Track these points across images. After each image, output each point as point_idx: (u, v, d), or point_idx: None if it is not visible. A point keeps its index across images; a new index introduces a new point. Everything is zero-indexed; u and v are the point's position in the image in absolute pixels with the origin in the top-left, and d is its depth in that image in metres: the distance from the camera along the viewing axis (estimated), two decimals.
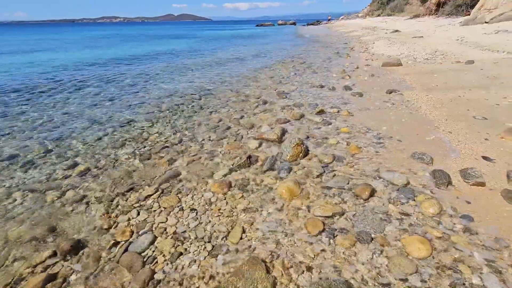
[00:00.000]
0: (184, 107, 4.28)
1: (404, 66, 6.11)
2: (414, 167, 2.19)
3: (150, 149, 2.90)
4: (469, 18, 11.15)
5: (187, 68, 8.01)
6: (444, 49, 7.34)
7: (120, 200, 2.09)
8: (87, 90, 5.43)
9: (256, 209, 1.87)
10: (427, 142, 2.59)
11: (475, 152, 2.31)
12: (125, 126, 3.53)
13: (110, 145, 3.02)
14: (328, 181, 2.11)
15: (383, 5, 32.64)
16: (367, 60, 7.44)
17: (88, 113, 4.05)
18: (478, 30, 9.11)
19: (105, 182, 2.32)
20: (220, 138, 3.12)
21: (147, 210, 1.96)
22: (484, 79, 4.30)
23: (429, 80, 4.69)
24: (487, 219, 1.59)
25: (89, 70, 7.79)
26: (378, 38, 12.36)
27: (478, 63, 5.36)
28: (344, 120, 3.33)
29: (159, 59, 10.22)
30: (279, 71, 7.02)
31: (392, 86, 4.56)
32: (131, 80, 6.36)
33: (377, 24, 21.76)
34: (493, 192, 1.82)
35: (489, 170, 2.04)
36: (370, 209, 1.75)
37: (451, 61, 5.93)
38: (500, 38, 7.29)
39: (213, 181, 2.26)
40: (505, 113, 3.00)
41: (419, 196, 1.81)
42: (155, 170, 2.50)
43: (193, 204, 1.99)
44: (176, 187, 2.23)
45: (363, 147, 2.59)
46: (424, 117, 3.17)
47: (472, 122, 2.88)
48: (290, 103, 4.19)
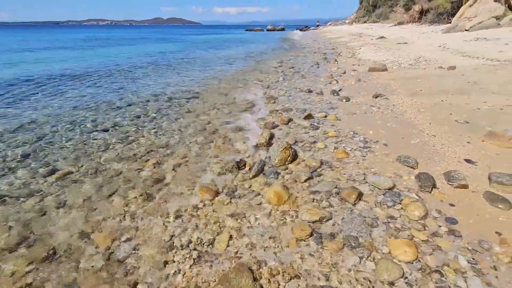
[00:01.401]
0: (172, 110, 4.23)
1: (389, 71, 6.26)
2: (399, 171, 2.22)
3: (135, 153, 2.84)
4: (450, 26, 11.57)
5: (175, 72, 7.94)
6: (427, 55, 7.57)
7: (102, 205, 2.02)
8: (70, 93, 5.28)
9: (244, 215, 1.84)
10: (412, 145, 2.64)
11: (458, 155, 2.36)
12: (110, 129, 3.45)
13: (93, 149, 2.93)
14: (315, 186, 2.10)
15: (369, 12, 33.52)
16: (354, 65, 7.57)
17: (70, 116, 3.93)
18: (459, 37, 9.46)
19: (86, 187, 2.25)
20: (208, 142, 3.08)
21: (131, 215, 1.90)
22: (465, 84, 4.45)
23: (413, 85, 4.81)
24: (471, 221, 1.61)
25: (73, 72, 7.59)
26: (365, 44, 12.64)
27: (459, 69, 5.55)
28: (331, 125, 3.35)
29: (146, 62, 10.09)
30: (268, 75, 7.05)
31: (378, 90, 4.65)
32: (117, 83, 6.24)
33: (363, 30, 22.29)
34: (476, 194, 1.86)
35: (471, 173, 2.09)
36: (357, 213, 1.75)
37: (434, 67, 6.12)
38: (479, 45, 7.58)
39: (200, 186, 2.22)
40: (485, 117, 3.10)
41: (405, 199, 1.83)
42: (140, 174, 2.44)
43: (179, 209, 1.94)
44: (162, 191, 2.18)
45: (350, 152, 2.61)
46: (409, 121, 3.24)
47: (454, 126, 2.95)
48: (279, 108, 4.20)
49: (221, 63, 9.94)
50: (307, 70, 7.53)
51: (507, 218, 1.61)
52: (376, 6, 31.77)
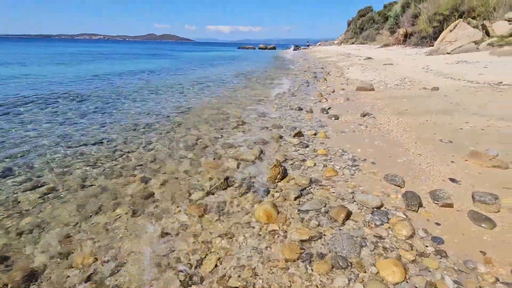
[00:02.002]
0: (162, 125, 4.21)
1: (376, 91, 6.46)
2: (387, 189, 2.25)
3: (122, 168, 2.79)
4: (433, 49, 12.17)
5: (166, 87, 7.97)
6: (412, 76, 7.88)
7: (85, 222, 1.95)
8: (58, 108, 5.20)
9: (232, 234, 1.82)
10: (399, 164, 2.70)
11: (442, 174, 2.42)
12: (97, 144, 3.39)
13: (79, 164, 2.87)
14: (305, 204, 2.10)
15: (357, 34, 34.95)
16: (343, 84, 7.80)
17: (57, 131, 3.85)
18: (441, 60, 9.93)
19: (70, 203, 2.18)
20: (198, 157, 3.07)
21: (115, 233, 1.84)
22: (448, 105, 4.63)
23: (399, 104, 4.97)
24: (456, 240, 1.64)
25: (61, 87, 7.52)
26: (353, 64, 13.09)
27: (442, 90, 5.79)
28: (321, 143, 3.40)
29: (137, 77, 10.12)
30: (259, 92, 7.17)
31: (366, 109, 4.78)
32: (107, 98, 6.20)
33: (351, 51, 23.14)
34: (460, 213, 1.89)
35: (456, 192, 2.14)
36: (346, 233, 1.75)
37: (419, 87, 6.36)
38: (460, 68, 7.97)
39: (189, 203, 2.19)
40: (467, 137, 3.21)
41: (393, 218, 1.84)
42: (126, 190, 2.39)
43: (166, 227, 1.90)
44: (149, 208, 2.13)
45: (339, 170, 2.64)
46: (396, 140, 3.32)
47: (439, 145, 3.05)
48: (269, 124, 4.25)
49: (212, 79, 10.06)
50: (298, 88, 7.70)
51: (491, 237, 1.64)
52: (363, 29, 33.22)
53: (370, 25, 31.61)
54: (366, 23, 33.18)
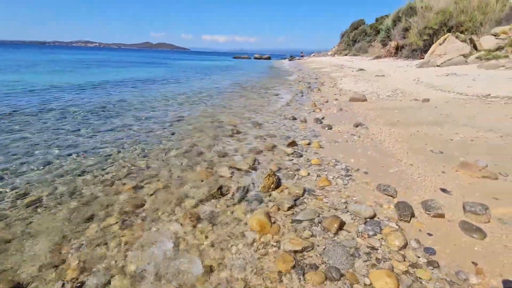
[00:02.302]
0: (155, 133, 4.18)
1: (368, 102, 6.57)
2: (380, 199, 2.27)
3: (113, 176, 2.75)
4: (423, 61, 12.49)
5: (160, 95, 7.97)
6: (403, 87, 8.05)
7: (74, 232, 1.91)
8: (48, 115, 5.14)
9: (225, 244, 1.79)
10: (391, 174, 2.72)
11: (434, 184, 2.46)
12: (89, 152, 3.35)
13: (70, 172, 2.82)
14: (298, 214, 2.10)
15: (350, 46, 35.73)
16: (336, 95, 7.91)
17: (48, 139, 3.79)
18: (431, 72, 10.19)
19: (58, 212, 2.13)
20: (191, 165, 3.05)
21: (105, 244, 1.80)
22: (438, 116, 4.73)
23: (391, 115, 5.06)
24: (448, 251, 1.65)
25: (53, 95, 7.45)
26: (346, 75, 13.33)
27: (432, 102, 5.91)
28: (315, 152, 3.42)
29: (129, 85, 10.10)
30: (254, 101, 7.22)
31: (358, 120, 4.85)
32: (100, 106, 6.16)
33: (344, 62, 23.59)
34: (452, 224, 1.91)
35: (447, 202, 2.17)
36: (339, 243, 1.75)
37: (410, 98, 6.49)
38: (450, 80, 8.18)
39: (181, 212, 2.16)
40: (457, 148, 3.27)
41: (385, 228, 1.85)
42: (118, 199, 2.35)
43: (157, 237, 1.87)
44: (140, 217, 2.10)
45: (332, 180, 2.65)
46: (388, 150, 3.36)
47: (430, 156, 3.09)
48: (263, 133, 4.26)
49: (207, 88, 10.10)
50: (292, 98, 7.78)
51: (482, 248, 1.66)
52: (355, 41, 34.00)
53: (362, 38, 32.39)
54: (358, 36, 34.00)
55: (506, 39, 10.09)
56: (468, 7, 13.37)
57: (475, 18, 12.72)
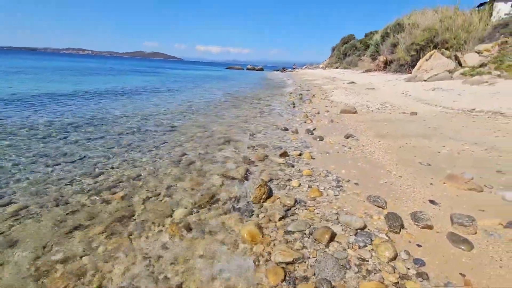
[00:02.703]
0: (146, 142, 4.14)
1: (359, 114, 6.70)
2: (370, 210, 2.28)
3: (102, 185, 2.69)
4: (411, 76, 12.89)
5: (151, 104, 7.93)
6: (392, 101, 8.27)
7: (59, 242, 1.84)
8: (37, 123, 5.03)
9: (216, 255, 1.77)
10: (381, 185, 2.76)
11: (422, 196, 2.50)
12: (77, 161, 3.27)
13: (57, 181, 2.74)
14: (290, 225, 2.09)
15: (340, 59, 36.62)
16: (327, 107, 8.04)
17: (36, 147, 3.70)
18: (419, 86, 10.51)
19: (44, 222, 2.06)
20: (182, 174, 3.02)
21: (91, 254, 1.74)
22: (426, 129, 4.85)
23: (380, 127, 5.16)
24: (437, 262, 1.67)
25: (42, 102, 7.33)
26: (337, 88, 13.60)
27: (420, 115, 6.08)
28: (306, 163, 3.45)
29: (120, 94, 10.04)
30: (246, 112, 7.26)
31: (349, 131, 4.92)
32: (90, 115, 6.08)
33: (335, 75, 24.11)
34: (440, 235, 1.94)
35: (435, 214, 2.20)
36: (330, 255, 1.75)
37: (398, 111, 6.66)
38: (436, 95, 8.45)
39: (171, 222, 2.13)
40: (445, 160, 3.35)
41: (375, 240, 1.86)
42: (106, 208, 2.29)
43: (146, 248, 1.82)
44: (129, 227, 2.05)
45: (323, 190, 2.66)
46: (378, 162, 3.41)
47: (418, 168, 3.16)
48: (255, 144, 4.27)
49: (199, 98, 10.12)
50: (284, 109, 7.87)
51: (469, 259, 1.68)
52: (346, 54, 34.92)
53: (352, 52, 33.29)
54: (349, 50, 34.94)
55: (489, 56, 10.55)
56: (453, 25, 13.98)
57: (459, 36, 13.30)
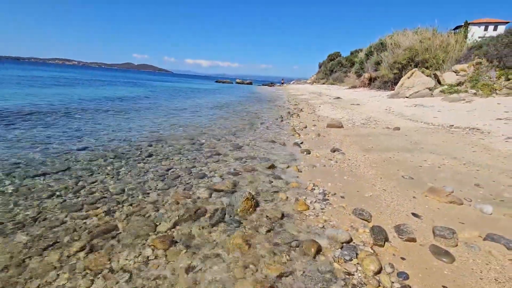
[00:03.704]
0: (133, 154, 4.06)
1: (345, 128, 6.86)
2: (355, 223, 2.31)
3: (84, 200, 2.60)
4: (394, 93, 13.40)
5: (138, 116, 7.84)
6: (377, 116, 8.53)
7: (34, 260, 1.75)
8: (16, 132, 4.86)
9: (201, 269, 1.72)
10: (366, 198, 2.80)
11: (405, 209, 2.55)
12: (58, 174, 3.16)
13: (34, 195, 2.63)
14: (276, 238, 2.08)
15: (327, 75, 37.74)
16: (314, 121, 8.20)
17: (12, 158, 3.56)
18: (401, 103, 10.93)
19: (18, 239, 1.95)
20: (168, 187, 2.97)
21: (70, 271, 1.66)
22: (408, 143, 5.01)
23: (365, 142, 5.29)
24: (420, 275, 1.69)
25: (25, 108, 7.12)
26: (323, 103, 13.93)
27: (403, 130, 6.29)
28: (293, 176, 3.47)
29: (108, 105, 9.89)
30: (234, 124, 7.29)
31: (335, 145, 5.02)
32: (74, 125, 5.93)
33: (322, 90, 24.74)
34: (423, 248, 1.98)
35: (418, 226, 2.25)
36: (316, 268, 1.74)
37: (382, 126, 6.87)
38: (418, 111, 8.80)
39: (155, 235, 2.07)
40: (426, 174, 3.46)
41: (361, 253, 1.87)
42: (86, 224, 2.21)
43: (127, 263, 1.76)
44: (110, 243, 1.97)
45: (310, 204, 2.68)
46: (363, 175, 3.48)
47: (401, 181, 3.24)
48: (243, 156, 4.28)
49: (187, 110, 10.10)
50: (272, 122, 7.96)
51: (451, 272, 1.72)
52: (332, 71, 36.04)
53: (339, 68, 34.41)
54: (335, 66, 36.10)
55: (465, 76, 11.15)
56: (432, 46, 14.78)
57: (438, 56, 14.04)
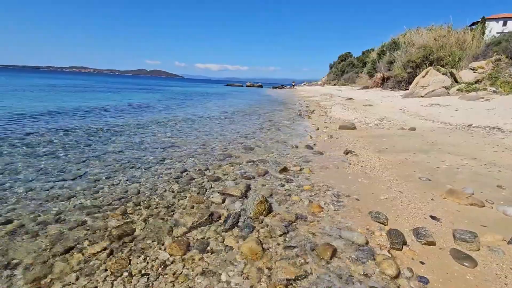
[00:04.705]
0: (147, 158, 4.14)
1: (358, 130, 6.76)
2: (371, 226, 2.26)
3: (101, 202, 2.67)
4: (408, 92, 13.10)
5: (152, 121, 8.01)
6: (390, 116, 8.36)
7: (56, 262, 1.81)
8: (38, 140, 5.05)
9: (216, 273, 1.73)
10: (381, 201, 2.75)
11: (423, 212, 2.48)
12: (76, 178, 3.26)
13: (55, 198, 2.72)
14: (291, 241, 2.07)
15: (338, 76, 37.35)
16: (326, 123, 8.13)
17: (35, 165, 3.70)
18: (416, 102, 10.67)
19: (41, 241, 2.03)
20: (182, 191, 3.01)
21: (90, 274, 1.71)
22: (424, 144, 4.89)
23: (379, 143, 5.20)
24: (441, 280, 1.64)
25: (43, 120, 7.40)
26: (335, 104, 13.79)
27: (418, 130, 6.14)
28: (306, 178, 3.44)
29: (121, 110, 10.15)
30: (246, 127, 7.32)
31: (348, 147, 4.95)
32: (91, 132, 6.12)
33: (334, 91, 24.49)
34: (443, 252, 1.91)
35: (437, 229, 2.18)
36: (333, 271, 1.72)
37: (397, 127, 6.72)
38: (434, 110, 8.57)
39: (171, 239, 2.10)
40: (444, 175, 3.36)
41: (378, 257, 1.84)
42: (105, 226, 2.26)
43: (145, 267, 1.79)
44: (128, 246, 2.02)
45: (324, 206, 2.65)
46: (378, 177, 3.42)
47: (418, 183, 3.16)
48: (255, 159, 4.28)
49: (199, 114, 10.23)
50: (283, 124, 7.94)
51: (473, 277, 1.66)
52: (344, 72, 35.65)
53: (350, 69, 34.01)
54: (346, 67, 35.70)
55: (484, 73, 10.78)
56: (447, 43, 14.39)
57: (454, 53, 13.65)
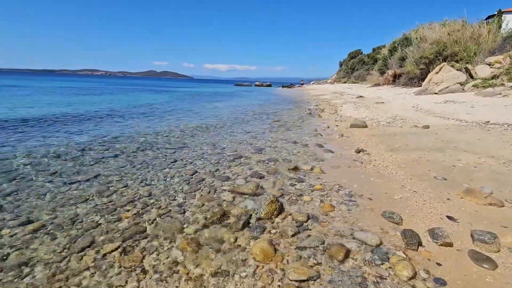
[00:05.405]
0: (158, 159, 4.20)
1: (369, 128, 6.65)
2: (385, 226, 2.22)
3: (115, 203, 2.72)
4: (421, 89, 12.79)
5: (164, 123, 8.11)
6: (403, 114, 8.18)
7: (72, 259, 1.86)
8: (50, 141, 5.19)
9: (228, 273, 1.74)
10: (395, 201, 2.69)
11: (439, 212, 2.41)
12: (91, 180, 3.33)
13: (71, 200, 2.79)
14: (303, 241, 2.05)
15: (348, 74, 36.85)
16: (336, 121, 8.03)
17: (49, 166, 3.80)
18: (430, 99, 10.41)
19: (59, 240, 2.08)
20: (193, 190, 3.03)
21: (104, 271, 1.74)
22: (439, 142, 4.75)
23: (392, 141, 5.09)
24: (459, 282, 1.59)
25: (58, 120, 7.61)
26: (345, 102, 13.60)
27: (432, 128, 5.98)
28: (317, 178, 3.41)
29: (132, 112, 10.32)
30: (255, 127, 7.32)
31: (360, 145, 4.87)
32: (104, 133, 6.25)
33: (344, 89, 24.17)
34: (461, 253, 1.85)
35: (454, 230, 2.12)
36: (346, 272, 1.69)
37: (410, 125, 6.57)
38: (448, 107, 8.33)
39: (182, 238, 2.12)
40: (461, 174, 3.26)
41: (392, 257, 1.79)
42: (118, 226, 2.31)
43: (158, 264, 1.81)
44: (141, 244, 2.05)
45: (336, 205, 2.62)
46: (391, 176, 3.35)
47: (433, 182, 3.07)
48: (265, 158, 4.27)
49: (209, 113, 10.29)
50: (293, 123, 7.89)
51: (493, 279, 1.60)
52: (354, 69, 35.14)
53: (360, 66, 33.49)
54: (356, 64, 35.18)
55: (501, 68, 10.41)
56: (461, 38, 13.98)
57: (469, 48, 13.24)
